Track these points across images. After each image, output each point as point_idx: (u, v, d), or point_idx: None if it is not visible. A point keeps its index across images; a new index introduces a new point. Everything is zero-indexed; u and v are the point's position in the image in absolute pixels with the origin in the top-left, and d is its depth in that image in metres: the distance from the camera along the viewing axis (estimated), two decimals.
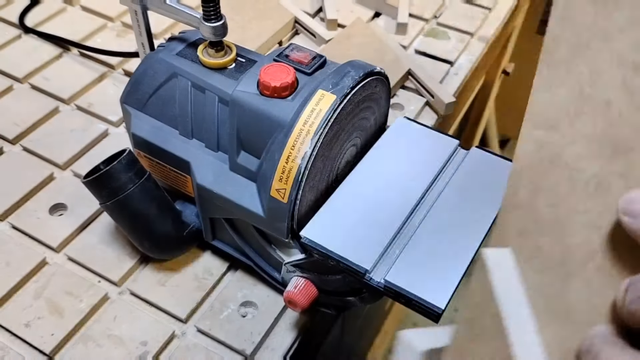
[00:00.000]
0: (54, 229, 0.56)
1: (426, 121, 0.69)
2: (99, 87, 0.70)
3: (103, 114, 0.67)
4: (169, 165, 0.51)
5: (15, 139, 0.64)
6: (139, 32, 0.54)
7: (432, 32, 0.80)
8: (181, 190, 0.53)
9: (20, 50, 0.74)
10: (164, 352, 0.50)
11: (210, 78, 0.48)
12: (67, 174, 0.62)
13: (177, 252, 0.54)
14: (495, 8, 0.85)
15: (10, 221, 0.57)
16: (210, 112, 0.48)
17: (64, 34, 0.75)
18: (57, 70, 0.72)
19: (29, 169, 0.61)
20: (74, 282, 0.53)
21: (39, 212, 0.58)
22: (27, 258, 0.54)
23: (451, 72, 0.76)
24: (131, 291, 0.53)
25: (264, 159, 0.46)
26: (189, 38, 0.52)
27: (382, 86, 0.51)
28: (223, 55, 0.49)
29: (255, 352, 0.50)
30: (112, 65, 0.73)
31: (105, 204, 0.48)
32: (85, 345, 0.49)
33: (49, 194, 0.59)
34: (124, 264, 0.54)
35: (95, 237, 0.56)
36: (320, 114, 0.44)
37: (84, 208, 0.58)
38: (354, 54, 0.71)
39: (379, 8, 0.82)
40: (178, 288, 0.53)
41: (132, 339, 0.50)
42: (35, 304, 0.51)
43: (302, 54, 0.49)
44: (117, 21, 0.79)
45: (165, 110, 0.50)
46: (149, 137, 0.50)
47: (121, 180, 0.47)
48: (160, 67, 0.50)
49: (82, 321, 0.51)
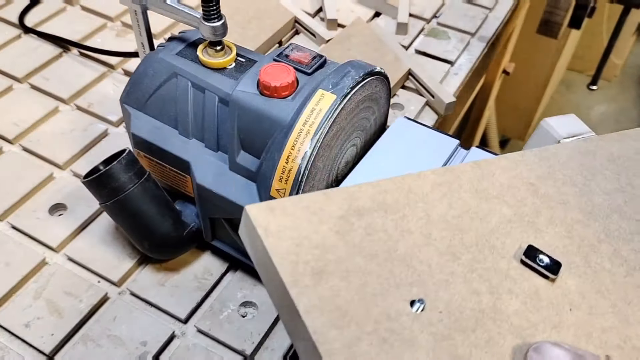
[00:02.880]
0: (54, 229, 0.56)
1: (426, 121, 0.69)
2: (99, 87, 0.70)
3: (103, 113, 0.67)
4: (168, 165, 0.51)
5: (15, 139, 0.64)
6: (139, 32, 0.54)
7: (432, 32, 0.80)
8: (181, 190, 0.52)
9: (20, 50, 0.74)
10: (164, 353, 0.49)
11: (210, 78, 0.48)
12: (67, 174, 0.62)
13: (177, 252, 0.54)
14: (495, 8, 0.85)
15: (9, 221, 0.57)
16: (210, 112, 0.48)
17: (64, 34, 0.75)
18: (56, 70, 0.72)
19: (28, 169, 0.61)
20: (73, 283, 0.53)
21: (39, 212, 0.58)
22: (26, 258, 0.54)
23: (451, 72, 0.75)
24: (131, 291, 0.53)
25: (264, 159, 0.46)
26: (189, 38, 0.52)
27: (382, 86, 0.50)
28: (223, 55, 0.49)
29: (255, 352, 0.50)
30: (112, 65, 0.73)
31: (105, 204, 0.48)
32: (85, 346, 0.49)
33: (49, 194, 0.59)
34: (123, 264, 0.54)
35: (95, 237, 0.56)
36: (320, 113, 0.44)
37: (84, 208, 0.58)
38: (354, 54, 0.71)
39: (379, 8, 0.82)
40: (178, 288, 0.53)
41: (132, 339, 0.50)
42: (35, 304, 0.51)
43: (302, 54, 0.49)
44: (117, 21, 0.79)
45: (165, 110, 0.50)
46: (149, 137, 0.50)
47: (121, 180, 0.47)
48: (160, 67, 0.50)
49: (81, 321, 0.51)
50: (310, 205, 0.32)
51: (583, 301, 0.33)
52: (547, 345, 0.28)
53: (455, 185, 0.37)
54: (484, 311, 0.31)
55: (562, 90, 1.93)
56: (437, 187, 0.37)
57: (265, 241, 0.29)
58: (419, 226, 0.34)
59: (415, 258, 0.32)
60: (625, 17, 1.60)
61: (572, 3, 0.93)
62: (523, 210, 0.37)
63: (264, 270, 0.31)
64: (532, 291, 0.32)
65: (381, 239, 0.32)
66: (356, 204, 0.33)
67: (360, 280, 0.29)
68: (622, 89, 2.04)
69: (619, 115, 1.94)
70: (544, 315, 0.32)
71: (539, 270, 0.33)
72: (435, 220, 0.35)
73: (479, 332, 0.30)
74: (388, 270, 0.31)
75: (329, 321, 0.27)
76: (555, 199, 0.38)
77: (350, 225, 0.32)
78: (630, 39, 1.91)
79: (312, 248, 0.30)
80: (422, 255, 0.33)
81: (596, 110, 1.95)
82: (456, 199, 0.36)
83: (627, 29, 1.75)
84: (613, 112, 1.96)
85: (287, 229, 0.30)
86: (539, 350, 0.28)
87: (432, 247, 0.33)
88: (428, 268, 0.32)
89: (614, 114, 1.95)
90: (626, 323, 0.32)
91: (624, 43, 1.85)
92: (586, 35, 1.69)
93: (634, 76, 2.08)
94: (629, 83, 2.06)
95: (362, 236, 0.32)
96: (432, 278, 0.31)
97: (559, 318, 0.32)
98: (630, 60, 2.08)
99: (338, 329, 0.27)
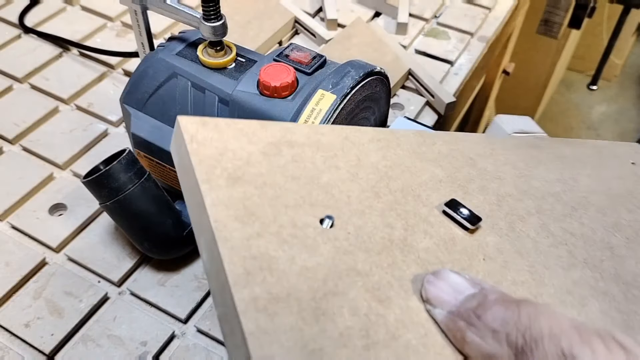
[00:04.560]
0: (54, 229, 0.56)
1: (426, 121, 0.69)
2: (99, 87, 0.70)
3: (103, 113, 0.67)
4: (168, 165, 0.51)
5: (15, 139, 0.64)
6: (139, 32, 0.54)
7: (432, 32, 0.80)
8: (181, 190, 0.52)
9: (20, 50, 0.74)
10: (164, 353, 0.49)
11: (210, 78, 0.48)
12: (67, 174, 0.62)
13: (177, 252, 0.54)
14: (495, 8, 0.85)
15: (9, 221, 0.57)
16: (210, 112, 0.48)
17: (64, 34, 0.75)
18: (56, 70, 0.72)
19: (28, 169, 0.61)
20: (73, 282, 0.53)
21: (39, 212, 0.58)
22: (26, 258, 0.54)
23: (451, 72, 0.75)
24: (131, 291, 0.53)
25: None
26: (189, 38, 0.52)
27: (382, 86, 0.50)
28: (223, 55, 0.49)
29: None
30: (112, 65, 0.73)
31: (105, 204, 0.48)
32: (85, 346, 0.49)
33: (49, 194, 0.59)
34: (123, 264, 0.54)
35: (95, 237, 0.56)
36: (320, 113, 0.44)
37: (84, 208, 0.58)
38: (354, 54, 0.71)
39: (379, 8, 0.82)
40: (178, 288, 0.53)
41: (132, 339, 0.50)
42: (34, 304, 0.51)
43: (302, 54, 0.49)
44: (117, 21, 0.79)
45: (165, 110, 0.50)
46: (149, 137, 0.50)
47: (121, 180, 0.47)
48: (160, 67, 0.50)
49: (81, 321, 0.51)
50: (244, 128, 0.31)
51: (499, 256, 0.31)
52: (446, 271, 0.28)
53: (394, 144, 0.36)
54: (394, 242, 0.30)
55: (562, 90, 1.93)
56: (376, 141, 0.36)
57: (189, 146, 0.29)
58: (348, 166, 0.33)
59: (337, 188, 0.31)
60: (625, 17, 1.60)
61: (572, 3, 0.93)
62: (456, 175, 0.36)
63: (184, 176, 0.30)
64: (448, 237, 0.31)
65: (306, 167, 0.31)
66: (290, 136, 0.32)
67: (275, 193, 0.29)
68: (622, 89, 2.04)
69: (619, 115, 1.95)
70: (454, 257, 0.30)
71: (458, 220, 0.32)
72: (365, 164, 0.34)
73: (383, 256, 0.29)
74: (306, 191, 0.30)
75: (233, 215, 0.26)
76: (492, 174, 0.37)
77: (278, 151, 0.31)
78: (630, 39, 1.91)
79: (235, 159, 0.29)
80: (345, 187, 0.32)
81: (596, 110, 1.95)
82: (392, 154, 0.35)
83: (627, 29, 1.75)
84: (613, 112, 1.96)
85: (214, 140, 0.30)
86: (438, 274, 0.28)
87: (356, 184, 0.32)
88: (347, 198, 0.31)
89: (614, 114, 1.95)
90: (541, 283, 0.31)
91: (624, 43, 1.85)
92: (586, 35, 1.70)
93: (634, 76, 2.08)
94: (629, 83, 2.06)
95: (288, 161, 0.31)
96: (349, 206, 0.31)
97: (469, 263, 0.31)
98: (630, 60, 2.08)
99: (241, 223, 0.26)
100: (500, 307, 0.25)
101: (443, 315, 0.27)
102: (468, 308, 0.26)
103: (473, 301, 0.26)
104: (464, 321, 0.26)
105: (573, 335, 0.23)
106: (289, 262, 0.26)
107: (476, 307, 0.26)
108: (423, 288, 0.28)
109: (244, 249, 0.25)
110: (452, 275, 0.28)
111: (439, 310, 0.27)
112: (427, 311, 0.27)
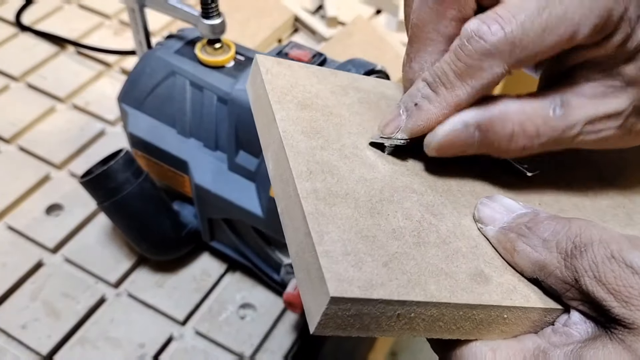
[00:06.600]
0: (50, 229, 0.56)
1: None
2: (96, 85, 0.70)
3: (100, 112, 0.66)
4: (166, 164, 0.50)
5: (12, 139, 0.64)
6: (137, 30, 0.53)
7: None
8: (179, 190, 0.52)
9: (16, 48, 0.73)
10: (162, 355, 0.49)
11: (209, 76, 0.48)
12: (64, 174, 0.61)
13: (175, 253, 0.53)
14: None
15: (6, 222, 0.57)
16: (208, 111, 0.48)
17: (61, 32, 0.74)
18: (53, 69, 0.71)
19: (25, 168, 0.61)
20: (70, 284, 0.52)
21: (35, 212, 0.57)
22: (23, 259, 0.54)
23: None
24: (128, 293, 0.52)
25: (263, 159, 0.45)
26: (187, 36, 0.51)
27: None
28: (222, 53, 0.49)
29: (254, 354, 0.49)
30: (109, 63, 0.72)
31: (103, 204, 0.48)
32: (82, 348, 0.49)
33: (45, 194, 0.59)
34: (121, 265, 0.54)
35: (92, 238, 0.56)
36: None
37: (81, 208, 0.57)
38: (354, 52, 0.71)
39: (380, 5, 0.82)
40: (176, 290, 0.52)
41: (130, 341, 0.49)
42: (31, 306, 0.51)
43: (302, 52, 0.48)
44: (115, 19, 0.78)
45: (163, 109, 0.50)
46: (147, 136, 0.50)
47: (118, 180, 0.46)
48: (158, 66, 0.49)
49: (79, 323, 0.50)
50: (317, 72, 0.34)
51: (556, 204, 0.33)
52: (500, 195, 0.29)
53: None
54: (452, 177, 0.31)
55: None
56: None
57: (265, 76, 0.32)
58: None
59: None
60: None
61: None
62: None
63: (257, 103, 0.33)
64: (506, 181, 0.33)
65: (371, 108, 0.33)
66: (357, 84, 0.35)
67: (340, 121, 0.31)
68: None
69: None
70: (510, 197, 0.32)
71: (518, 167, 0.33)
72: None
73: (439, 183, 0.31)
74: (370, 126, 0.32)
75: (300, 130, 0.29)
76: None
77: (345, 92, 0.34)
78: None
79: (305, 92, 0.32)
80: None
81: None
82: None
83: None
84: None
85: (287, 75, 0.32)
86: (492, 197, 0.29)
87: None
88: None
89: None
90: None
91: None
92: None
93: None
94: None
95: (354, 101, 0.33)
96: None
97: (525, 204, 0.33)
98: None
99: (307, 136, 0.29)
100: (551, 221, 0.26)
101: (494, 231, 0.28)
102: (520, 223, 0.27)
103: (525, 217, 0.27)
104: (515, 233, 0.27)
105: (623, 241, 0.24)
106: (349, 171, 0.28)
107: (528, 222, 0.27)
108: (476, 209, 0.29)
109: (309, 155, 0.28)
110: (506, 199, 0.29)
111: (490, 227, 0.28)
112: (478, 229, 0.28)
